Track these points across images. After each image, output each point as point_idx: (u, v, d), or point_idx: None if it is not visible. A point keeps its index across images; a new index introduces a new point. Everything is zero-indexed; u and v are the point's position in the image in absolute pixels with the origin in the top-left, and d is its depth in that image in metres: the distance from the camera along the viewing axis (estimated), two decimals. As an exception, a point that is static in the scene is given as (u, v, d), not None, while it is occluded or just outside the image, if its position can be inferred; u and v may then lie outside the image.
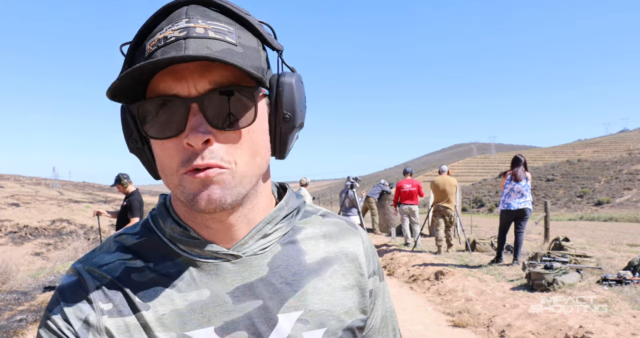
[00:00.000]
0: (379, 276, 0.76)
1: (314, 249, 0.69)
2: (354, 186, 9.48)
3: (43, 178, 68.60)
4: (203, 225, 0.63)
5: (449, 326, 4.84)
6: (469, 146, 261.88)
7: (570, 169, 74.42)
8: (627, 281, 5.33)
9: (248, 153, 0.59)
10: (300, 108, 0.64)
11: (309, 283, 0.66)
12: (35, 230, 20.33)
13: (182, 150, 0.56)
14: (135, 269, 0.62)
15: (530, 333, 4.13)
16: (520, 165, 6.89)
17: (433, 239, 9.65)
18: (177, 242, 0.64)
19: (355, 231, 0.76)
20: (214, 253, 0.63)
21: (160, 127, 0.56)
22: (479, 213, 48.46)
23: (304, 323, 0.63)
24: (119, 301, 0.60)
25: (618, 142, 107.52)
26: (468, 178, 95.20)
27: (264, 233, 0.66)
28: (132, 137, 0.63)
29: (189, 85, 0.55)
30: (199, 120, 0.54)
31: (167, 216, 0.65)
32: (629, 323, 3.96)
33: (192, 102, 0.55)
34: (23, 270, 7.66)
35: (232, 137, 0.57)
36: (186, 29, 0.54)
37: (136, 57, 0.59)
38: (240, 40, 0.58)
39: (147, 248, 0.64)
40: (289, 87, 0.62)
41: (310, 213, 0.75)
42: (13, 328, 4.46)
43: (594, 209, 51.90)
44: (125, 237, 0.66)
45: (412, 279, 7.24)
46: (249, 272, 0.63)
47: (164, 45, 0.54)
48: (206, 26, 0.55)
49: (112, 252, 0.64)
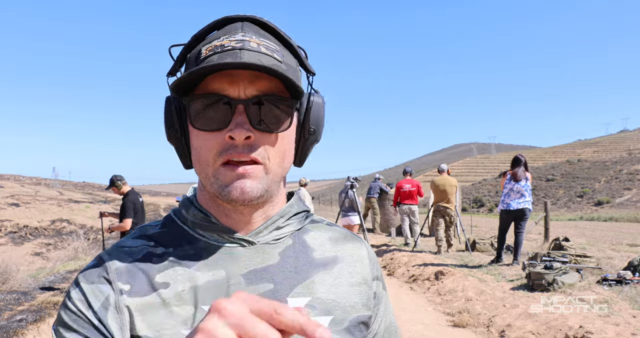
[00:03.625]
0: (381, 283, 0.80)
1: (322, 248, 0.75)
2: (354, 186, 9.47)
3: (43, 179, 68.59)
4: (224, 215, 0.70)
5: (449, 326, 4.84)
6: (469, 146, 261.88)
7: (570, 168, 74.43)
8: (627, 281, 5.34)
9: (279, 155, 0.66)
10: (322, 125, 0.73)
11: (317, 275, 0.71)
12: (35, 230, 20.33)
13: (222, 143, 0.63)
14: (156, 253, 0.68)
15: (530, 333, 4.14)
16: (520, 165, 6.89)
17: (433, 239, 9.64)
18: (198, 227, 0.70)
19: (359, 239, 0.82)
20: (231, 237, 0.69)
21: (207, 120, 0.64)
22: (479, 213, 48.47)
23: (311, 309, 0.67)
24: (139, 281, 0.64)
25: (618, 142, 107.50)
26: (468, 178, 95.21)
27: (277, 225, 0.72)
28: (174, 127, 0.69)
29: (239, 89, 0.63)
30: (243, 119, 0.62)
31: (190, 206, 0.72)
32: (629, 323, 3.96)
33: (239, 103, 0.62)
34: (23, 270, 7.66)
35: (268, 139, 0.65)
36: (242, 41, 0.63)
37: (190, 59, 0.68)
38: (284, 59, 0.67)
39: (169, 236, 0.70)
40: (317, 106, 0.72)
41: (316, 222, 0.81)
42: (13, 328, 4.46)
43: (594, 209, 51.90)
44: (148, 227, 0.73)
45: (412, 279, 7.24)
46: (262, 257, 0.69)
47: (221, 51, 0.62)
48: (259, 42, 0.64)
49: (135, 238, 0.70)
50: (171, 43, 0.71)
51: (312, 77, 0.74)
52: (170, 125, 0.69)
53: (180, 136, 0.69)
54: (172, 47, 0.71)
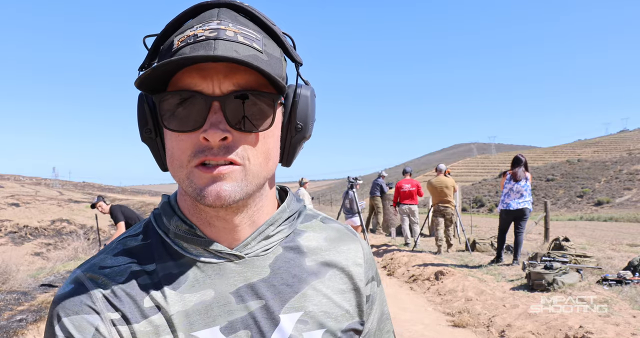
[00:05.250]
0: (376, 281, 0.78)
1: (314, 252, 0.70)
2: (354, 186, 9.46)
3: (43, 179, 68.58)
4: (207, 223, 0.64)
5: (449, 326, 4.84)
6: (469, 146, 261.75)
7: (570, 168, 74.42)
8: (627, 281, 5.33)
9: (262, 156, 0.60)
10: (311, 120, 0.67)
11: (309, 286, 0.67)
12: (35, 230, 20.32)
13: (196, 144, 0.57)
14: (140, 272, 0.62)
15: (530, 333, 4.13)
16: (520, 165, 6.89)
17: (433, 239, 9.64)
18: (182, 239, 0.64)
19: (355, 238, 0.77)
20: (217, 252, 0.64)
21: (179, 120, 0.58)
22: (479, 213, 48.45)
23: (304, 324, 0.65)
24: (127, 308, 0.60)
25: (618, 142, 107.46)
26: (468, 178, 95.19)
27: (266, 234, 0.67)
28: (147, 127, 0.63)
29: (213, 84, 0.56)
30: (218, 118, 0.56)
31: (172, 214, 0.66)
32: (629, 323, 3.96)
33: (214, 100, 0.56)
34: (23, 270, 7.66)
35: (248, 139, 0.59)
36: (217, 30, 0.56)
37: (162, 51, 0.61)
38: (266, 48, 0.59)
39: (151, 250, 0.65)
40: (305, 99, 0.65)
41: (311, 217, 0.76)
42: (13, 328, 4.46)
43: (594, 209, 51.90)
44: (128, 240, 0.67)
45: (412, 279, 7.24)
46: (251, 272, 0.64)
47: (194, 42, 0.55)
48: (236, 30, 0.57)
49: (116, 256, 0.64)
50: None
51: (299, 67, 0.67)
52: (143, 125, 0.63)
53: (154, 137, 0.64)
54: (147, 38, 0.64)
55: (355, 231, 0.80)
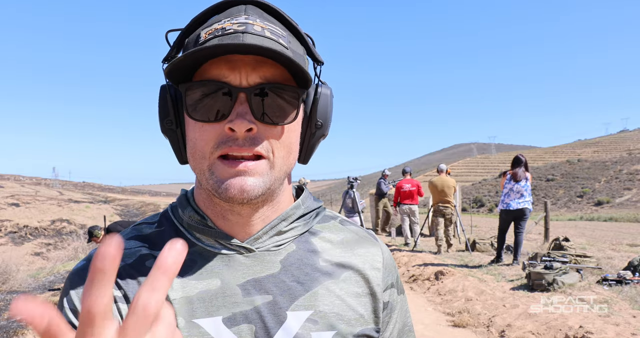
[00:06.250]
0: (397, 289, 0.75)
1: (330, 253, 0.69)
2: (354, 186, 9.46)
3: (43, 179, 68.56)
4: (221, 216, 0.65)
5: (449, 326, 4.84)
6: (469, 146, 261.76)
7: (570, 168, 74.38)
8: (627, 281, 5.34)
9: (285, 149, 0.61)
10: (330, 118, 0.68)
11: (321, 285, 0.65)
12: (35, 230, 20.33)
13: (220, 135, 0.58)
14: (148, 256, 0.63)
15: (530, 333, 4.13)
16: (521, 165, 6.89)
17: (433, 239, 9.64)
18: (194, 230, 0.65)
19: (375, 242, 0.75)
20: (228, 243, 0.64)
21: (205, 110, 0.58)
22: (479, 213, 48.43)
23: (313, 324, 0.63)
24: (130, 288, 0.60)
25: (618, 142, 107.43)
26: (468, 178, 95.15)
27: (279, 230, 0.66)
28: (168, 118, 0.64)
29: (241, 75, 0.57)
30: (245, 109, 0.57)
31: (187, 205, 0.67)
32: (629, 323, 3.96)
33: (241, 91, 0.57)
34: (23, 270, 7.66)
35: (273, 132, 0.59)
36: (245, 24, 0.57)
37: (188, 43, 0.62)
38: (291, 45, 0.61)
39: (163, 238, 0.65)
40: (325, 97, 0.66)
41: (329, 219, 0.75)
42: (13, 328, 4.46)
43: (594, 209, 51.87)
44: (143, 227, 0.68)
45: (412, 279, 7.24)
46: (260, 266, 0.64)
47: (222, 35, 0.56)
48: (263, 26, 0.58)
49: (129, 239, 0.66)
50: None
51: (320, 67, 0.68)
52: (164, 116, 0.63)
53: (175, 128, 0.64)
54: (170, 32, 0.65)
55: (376, 236, 0.78)
